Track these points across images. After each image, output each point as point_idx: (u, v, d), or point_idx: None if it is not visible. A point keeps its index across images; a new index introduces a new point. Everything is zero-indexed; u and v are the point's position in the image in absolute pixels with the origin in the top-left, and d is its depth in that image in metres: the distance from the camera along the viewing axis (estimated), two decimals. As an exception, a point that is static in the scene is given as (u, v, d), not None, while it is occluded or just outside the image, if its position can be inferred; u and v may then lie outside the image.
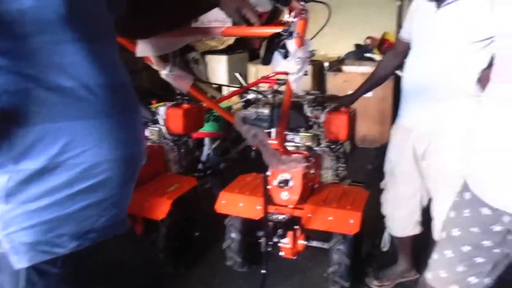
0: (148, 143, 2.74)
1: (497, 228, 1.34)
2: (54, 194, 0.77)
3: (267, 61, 1.21)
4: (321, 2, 1.39)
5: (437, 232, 2.08)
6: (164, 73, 1.48)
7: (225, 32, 1.38)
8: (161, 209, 2.26)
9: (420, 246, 2.47)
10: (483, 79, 1.85)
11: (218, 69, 5.30)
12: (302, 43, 1.29)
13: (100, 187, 0.81)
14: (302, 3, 1.22)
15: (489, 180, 1.35)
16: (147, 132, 2.78)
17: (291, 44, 1.31)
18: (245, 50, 5.63)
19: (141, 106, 2.65)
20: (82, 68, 0.78)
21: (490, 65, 1.85)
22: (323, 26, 1.40)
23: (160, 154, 2.73)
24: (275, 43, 1.21)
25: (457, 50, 1.88)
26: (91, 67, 0.80)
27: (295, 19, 1.21)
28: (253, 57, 5.56)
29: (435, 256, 1.53)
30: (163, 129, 2.74)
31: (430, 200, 2.19)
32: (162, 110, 2.73)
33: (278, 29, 1.23)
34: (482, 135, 1.41)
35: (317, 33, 1.43)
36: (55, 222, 0.79)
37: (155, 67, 1.46)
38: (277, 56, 1.35)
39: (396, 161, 2.17)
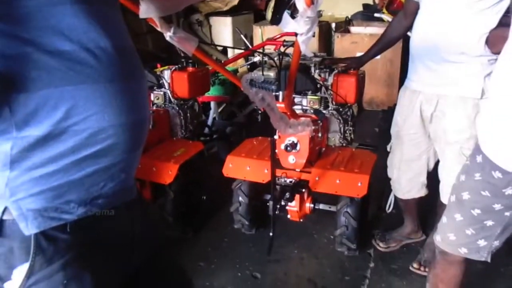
0: (154, 108, 2.72)
1: (509, 191, 1.33)
2: (59, 161, 0.76)
3: (276, 21, 1.17)
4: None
5: (445, 194, 2.08)
6: (168, 35, 1.43)
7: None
8: (168, 173, 2.27)
9: (426, 208, 2.48)
10: (492, 39, 1.80)
11: (223, 31, 5.20)
12: (311, 1, 1.24)
13: (107, 153, 0.80)
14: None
15: (502, 142, 1.32)
16: (152, 97, 2.75)
17: (300, 3, 1.26)
18: (250, 11, 5.49)
19: (145, 70, 2.62)
20: (81, 30, 0.75)
21: (499, 24, 1.80)
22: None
23: (166, 119, 2.71)
24: (284, 2, 1.17)
25: (463, 10, 1.82)
26: (91, 30, 0.76)
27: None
28: (258, 18, 5.43)
29: (444, 219, 1.53)
30: (168, 93, 2.71)
31: (436, 163, 2.19)
32: (167, 74, 2.69)
33: (286, -13, 1.18)
34: (495, 96, 1.37)
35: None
36: (62, 189, 0.78)
37: (159, 29, 1.42)
38: (285, 16, 1.30)
39: (403, 123, 2.15)
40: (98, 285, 0.85)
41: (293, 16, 1.33)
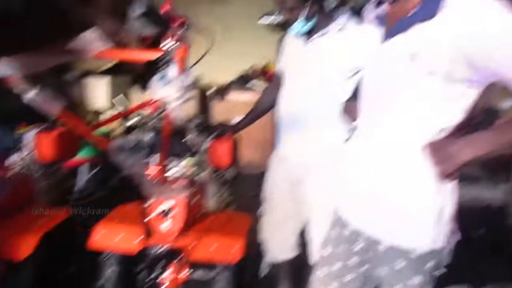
0: (13, 172, 2.46)
1: (358, 246, 1.44)
2: None
3: (144, 87, 1.16)
4: (203, 30, 1.38)
5: (314, 255, 2.18)
6: (28, 96, 1.33)
7: (101, 54, 1.30)
8: (26, 246, 2.02)
9: (299, 271, 2.54)
10: (348, 110, 2.02)
11: (98, 91, 5.03)
12: (182, 70, 1.27)
13: None
14: (183, 30, 1.20)
15: (349, 201, 1.46)
16: (12, 160, 2.49)
17: (172, 71, 1.29)
18: (129, 73, 5.43)
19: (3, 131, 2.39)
20: None
21: (354, 96, 2.03)
22: (205, 53, 1.40)
23: (28, 184, 2.46)
24: (154, 69, 1.17)
25: (322, 82, 2.03)
26: None
27: (175, 46, 1.19)
28: (137, 80, 5.38)
29: (313, 274, 1.60)
30: (32, 156, 2.48)
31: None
32: (30, 135, 2.47)
33: (157, 55, 1.19)
34: (343, 162, 1.54)
35: (197, 61, 1.42)
36: None
37: (16, 89, 1.31)
38: (157, 82, 1.30)
39: (273, 188, 2.25)
40: None
41: (167, 82, 1.35)
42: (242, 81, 5.51)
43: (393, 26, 1.33)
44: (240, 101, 5.00)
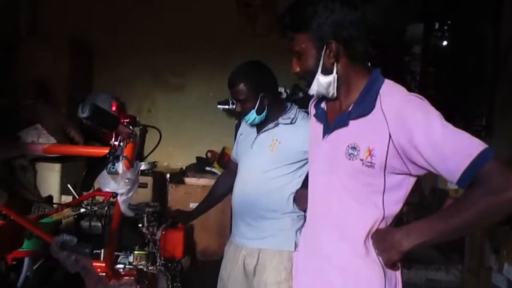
0: None
1: None
2: None
3: (86, 187, 1.15)
4: (152, 127, 1.41)
5: None
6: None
7: (47, 150, 1.29)
8: None
9: None
10: (298, 198, 2.07)
11: (50, 178, 4.87)
12: (130, 165, 1.27)
13: None
14: (131, 127, 1.22)
15: None
16: None
17: (120, 165, 1.29)
18: (82, 158, 5.34)
19: None
20: None
21: (303, 185, 2.08)
22: (153, 149, 1.42)
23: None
24: (100, 166, 1.17)
25: (271, 173, 2.08)
26: None
27: (122, 143, 1.20)
28: (89, 171, 5.28)
29: None
30: (-31, 250, 2.31)
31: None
32: (-31, 228, 2.32)
33: (104, 151, 1.20)
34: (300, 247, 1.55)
35: (148, 155, 1.44)
36: None
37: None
38: (106, 176, 1.30)
39: (228, 278, 2.20)
40: None
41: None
42: (200, 165, 5.53)
43: (333, 122, 1.42)
44: (198, 185, 4.98)
